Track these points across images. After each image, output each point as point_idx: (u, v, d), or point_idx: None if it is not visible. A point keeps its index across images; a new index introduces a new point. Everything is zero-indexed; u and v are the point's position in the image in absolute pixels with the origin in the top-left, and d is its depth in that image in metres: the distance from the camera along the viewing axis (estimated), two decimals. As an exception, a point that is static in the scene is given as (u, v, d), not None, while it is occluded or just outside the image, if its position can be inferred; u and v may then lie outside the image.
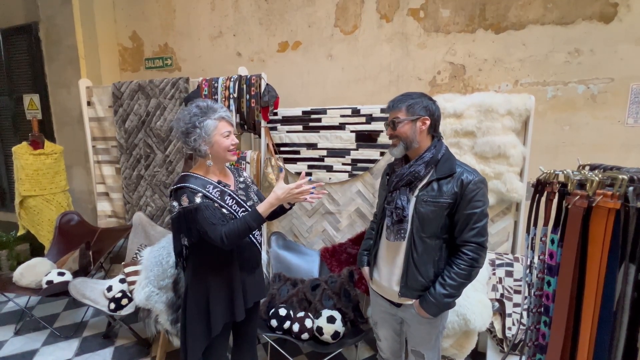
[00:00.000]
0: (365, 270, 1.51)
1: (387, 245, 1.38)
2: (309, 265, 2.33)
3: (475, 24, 2.26)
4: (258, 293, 1.50)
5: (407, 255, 1.30)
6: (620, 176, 0.82)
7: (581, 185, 0.94)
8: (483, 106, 2.02)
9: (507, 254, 2.05)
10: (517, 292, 1.94)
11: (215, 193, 1.31)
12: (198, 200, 1.25)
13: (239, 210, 1.35)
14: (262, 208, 1.28)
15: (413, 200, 1.28)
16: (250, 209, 1.38)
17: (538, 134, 2.09)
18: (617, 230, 0.84)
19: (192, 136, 1.27)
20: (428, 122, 1.27)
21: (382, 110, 2.23)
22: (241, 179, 1.48)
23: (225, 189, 1.35)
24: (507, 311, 1.89)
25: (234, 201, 1.35)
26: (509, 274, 1.97)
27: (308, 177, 1.29)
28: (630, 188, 0.82)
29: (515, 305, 1.91)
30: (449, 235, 1.28)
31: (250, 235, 1.37)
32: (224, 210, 1.31)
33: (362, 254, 1.54)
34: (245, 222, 1.25)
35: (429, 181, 1.26)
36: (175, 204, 1.27)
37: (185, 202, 1.25)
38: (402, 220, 1.27)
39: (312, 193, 1.28)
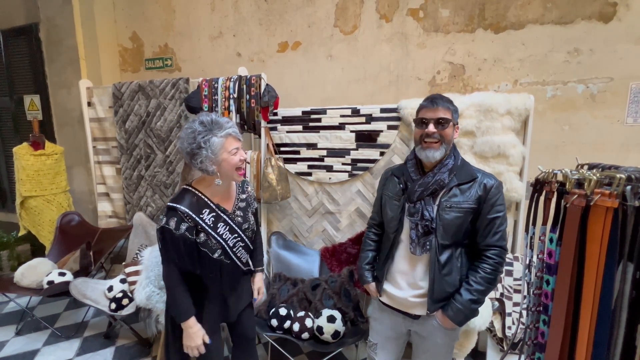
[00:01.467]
0: (372, 286, 1.40)
1: (408, 258, 1.29)
2: (309, 265, 2.34)
3: (475, 23, 2.26)
4: (244, 301, 1.52)
5: (432, 266, 1.23)
6: (617, 175, 0.83)
7: (579, 184, 0.94)
8: (482, 106, 2.02)
9: (507, 254, 2.05)
10: (517, 291, 1.94)
11: (209, 219, 1.27)
12: (183, 229, 1.22)
13: (229, 238, 1.32)
14: (187, 323, 1.28)
15: (435, 208, 1.23)
16: (243, 234, 1.37)
17: (538, 134, 2.09)
18: (615, 229, 0.84)
19: (198, 158, 1.21)
20: (458, 131, 1.29)
21: (382, 110, 2.24)
22: (244, 196, 1.43)
23: (221, 214, 1.31)
24: (507, 310, 1.89)
25: (227, 227, 1.32)
26: (509, 273, 1.97)
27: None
28: (628, 187, 0.82)
29: (515, 304, 1.91)
30: (470, 241, 1.26)
31: (234, 257, 1.36)
32: (212, 239, 1.28)
33: (363, 269, 1.43)
34: (180, 306, 1.28)
35: (450, 187, 1.23)
36: (163, 218, 1.24)
37: (171, 225, 1.22)
38: (429, 232, 1.22)
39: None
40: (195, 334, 1.29)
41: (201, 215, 1.26)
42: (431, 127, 1.21)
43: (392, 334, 1.40)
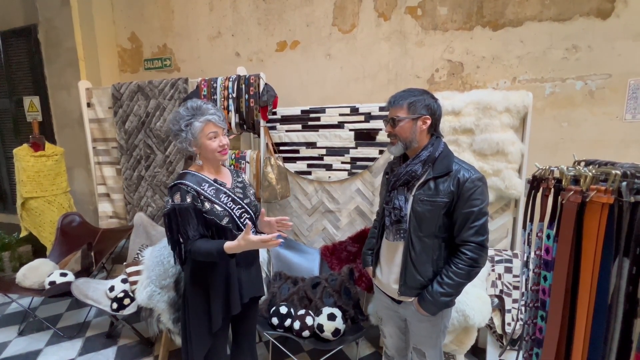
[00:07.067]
0: (369, 270, 1.51)
1: (387, 244, 1.38)
2: (309, 263, 2.35)
3: (473, 21, 2.26)
4: (255, 289, 1.51)
5: (405, 254, 1.28)
6: (613, 171, 0.83)
7: (576, 180, 0.94)
8: (481, 103, 2.02)
9: (506, 251, 2.06)
10: (516, 288, 1.95)
11: (210, 191, 1.34)
12: (189, 199, 1.28)
13: (234, 208, 1.38)
14: (229, 245, 1.24)
15: (410, 199, 1.26)
16: (247, 207, 1.42)
17: (536, 131, 2.10)
18: (611, 225, 0.85)
19: (178, 138, 1.34)
20: (429, 122, 1.24)
21: (381, 109, 2.24)
22: (239, 179, 1.51)
23: (221, 187, 1.38)
24: (507, 307, 1.90)
25: (230, 199, 1.38)
26: (508, 270, 1.98)
27: (277, 235, 1.24)
28: (624, 183, 0.82)
29: (515, 301, 1.92)
30: (449, 235, 1.25)
31: (242, 226, 1.38)
32: (218, 207, 1.33)
33: (365, 254, 1.54)
34: (211, 249, 1.26)
35: (426, 180, 1.23)
36: (168, 200, 1.31)
37: (177, 199, 1.29)
38: (400, 220, 1.26)
39: (281, 240, 1.27)
40: (253, 244, 1.20)
41: (202, 187, 1.33)
42: (387, 128, 1.29)
43: (389, 312, 1.48)
